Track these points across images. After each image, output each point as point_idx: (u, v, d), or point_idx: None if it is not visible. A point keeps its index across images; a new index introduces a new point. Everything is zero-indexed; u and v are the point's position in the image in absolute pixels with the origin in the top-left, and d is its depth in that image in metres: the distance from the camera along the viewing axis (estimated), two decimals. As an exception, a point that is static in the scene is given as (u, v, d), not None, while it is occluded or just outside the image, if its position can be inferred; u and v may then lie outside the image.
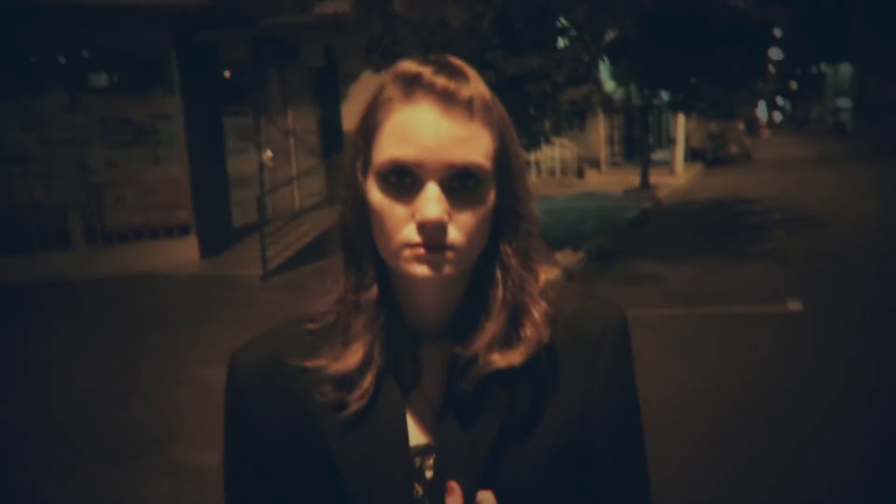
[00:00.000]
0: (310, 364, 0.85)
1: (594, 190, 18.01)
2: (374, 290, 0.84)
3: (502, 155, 0.82)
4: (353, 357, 0.83)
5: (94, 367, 5.50)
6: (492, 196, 0.81)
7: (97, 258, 8.53)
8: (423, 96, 0.78)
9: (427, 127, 0.77)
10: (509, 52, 6.62)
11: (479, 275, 0.85)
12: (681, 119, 22.21)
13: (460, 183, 0.78)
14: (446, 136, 0.77)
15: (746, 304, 6.63)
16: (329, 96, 11.54)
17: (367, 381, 0.83)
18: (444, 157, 0.77)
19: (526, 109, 7.22)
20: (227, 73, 9.78)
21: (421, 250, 0.77)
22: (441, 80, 0.78)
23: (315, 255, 9.14)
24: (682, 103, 17.53)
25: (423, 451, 0.85)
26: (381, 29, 7.18)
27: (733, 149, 30.31)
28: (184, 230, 9.21)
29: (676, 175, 21.78)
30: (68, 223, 8.57)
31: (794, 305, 6.39)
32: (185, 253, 8.98)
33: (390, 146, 0.77)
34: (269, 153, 8.90)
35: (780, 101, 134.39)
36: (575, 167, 21.76)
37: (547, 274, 0.88)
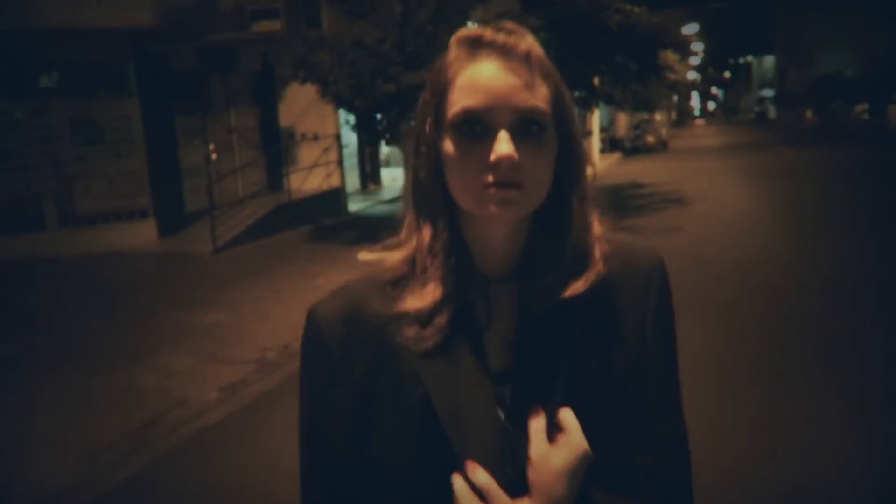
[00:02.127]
0: (389, 310, 0.91)
1: None
2: (446, 237, 0.90)
3: (558, 104, 0.88)
4: (429, 296, 0.90)
5: (75, 323, 7.15)
6: (553, 141, 0.88)
7: (69, 239, 10.07)
8: (486, 53, 0.86)
9: (492, 77, 0.84)
10: (407, 67, 8.41)
11: (542, 220, 0.92)
12: (595, 113, 24.21)
13: (525, 129, 0.85)
14: (510, 85, 0.84)
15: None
16: (267, 97, 13.17)
17: (444, 318, 0.89)
18: (510, 103, 0.84)
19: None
20: (177, 80, 11.32)
21: (495, 189, 0.84)
22: (501, 38, 0.86)
23: (257, 235, 10.81)
24: (584, 100, 19.44)
25: (503, 379, 0.90)
26: (303, 50, 8.88)
27: (650, 139, 32.64)
28: (143, 214, 10.76)
29: (592, 164, 23.76)
30: (44, 209, 10.09)
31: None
32: (145, 234, 10.55)
33: (461, 99, 0.85)
34: (211, 147, 10.38)
35: (714, 90, 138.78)
36: None
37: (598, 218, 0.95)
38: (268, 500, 3.43)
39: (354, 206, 14.45)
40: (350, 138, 14.97)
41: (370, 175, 17.31)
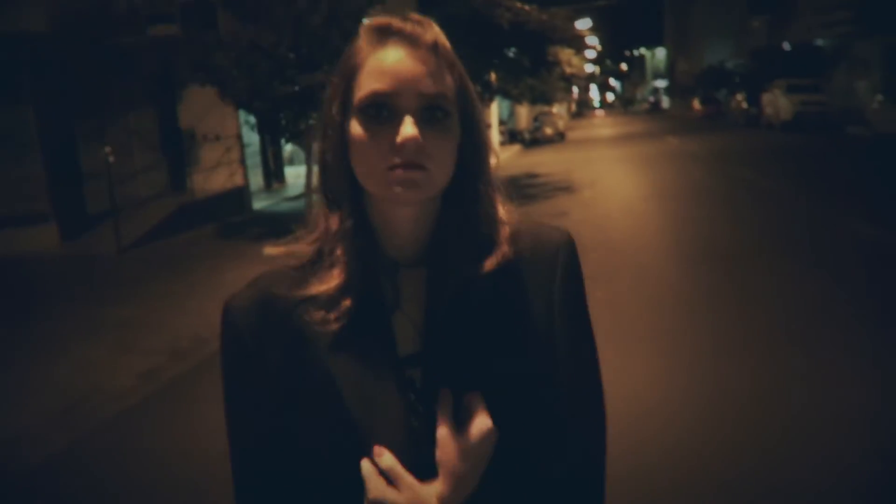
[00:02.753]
0: (297, 293, 0.94)
1: None
2: (352, 221, 0.93)
3: (462, 93, 0.93)
4: (334, 280, 0.93)
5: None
6: (456, 128, 0.92)
7: (-31, 245, 10.04)
8: (393, 41, 0.89)
9: (399, 63, 0.88)
10: (302, 69, 8.86)
11: (449, 205, 0.96)
12: (493, 107, 25.07)
13: (430, 114, 0.89)
14: (416, 71, 0.88)
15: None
16: (166, 99, 13.29)
17: (349, 301, 0.92)
18: (416, 88, 0.88)
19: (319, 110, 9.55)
20: (74, 84, 11.35)
21: (400, 171, 0.87)
22: (408, 27, 0.90)
23: (162, 235, 11.00)
24: (479, 94, 20.18)
25: (412, 362, 0.94)
26: (202, 53, 9.19)
27: (548, 130, 33.80)
28: (45, 219, 10.81)
29: (495, 153, 24.60)
30: (-60, 216, 10.03)
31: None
32: (47, 238, 10.59)
33: (368, 82, 0.89)
34: (108, 149, 10.49)
35: (612, 82, 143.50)
36: None
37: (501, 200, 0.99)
38: (184, 477, 3.84)
39: (259, 203, 14.72)
40: (252, 138, 15.21)
41: (274, 173, 17.56)
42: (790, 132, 24.83)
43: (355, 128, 0.90)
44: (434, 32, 0.92)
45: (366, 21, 0.95)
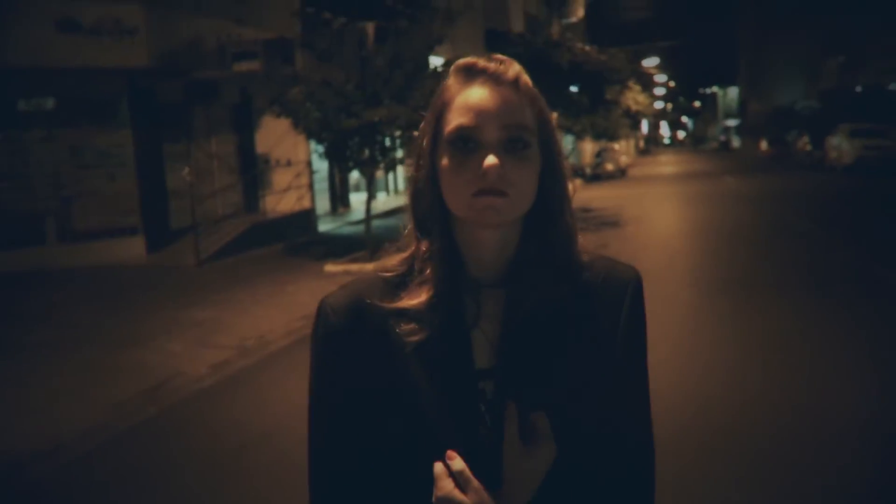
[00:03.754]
0: (388, 304, 1.04)
1: None
2: (440, 243, 1.03)
3: (542, 125, 1.02)
4: (423, 296, 1.02)
5: (82, 325, 8.43)
6: (537, 157, 1.01)
7: (67, 252, 11.32)
8: (479, 79, 1.00)
9: (483, 99, 0.98)
10: (367, 104, 9.85)
11: (530, 230, 1.05)
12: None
13: (511, 145, 0.98)
14: (499, 105, 0.98)
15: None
16: (245, 126, 14.53)
17: (435, 317, 1.01)
18: (498, 120, 0.98)
19: (383, 143, 10.52)
20: (164, 111, 12.66)
21: (483, 197, 0.96)
22: (492, 66, 1.01)
23: (235, 251, 12.10)
24: None
25: (485, 375, 1.02)
26: (279, 88, 10.30)
27: (609, 166, 34.20)
28: (133, 231, 12.04)
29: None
30: (45, 226, 11.35)
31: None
32: (134, 248, 11.81)
33: (456, 118, 0.99)
34: (186, 171, 11.61)
35: (684, 119, 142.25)
36: None
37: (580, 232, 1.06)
38: (243, 447, 4.74)
39: (324, 226, 15.79)
40: (321, 165, 16.33)
41: (340, 198, 18.67)
42: (851, 176, 24.81)
43: (444, 159, 1.00)
44: (516, 70, 1.02)
45: (456, 62, 1.05)
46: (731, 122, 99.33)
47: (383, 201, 19.91)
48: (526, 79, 1.03)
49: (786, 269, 9.35)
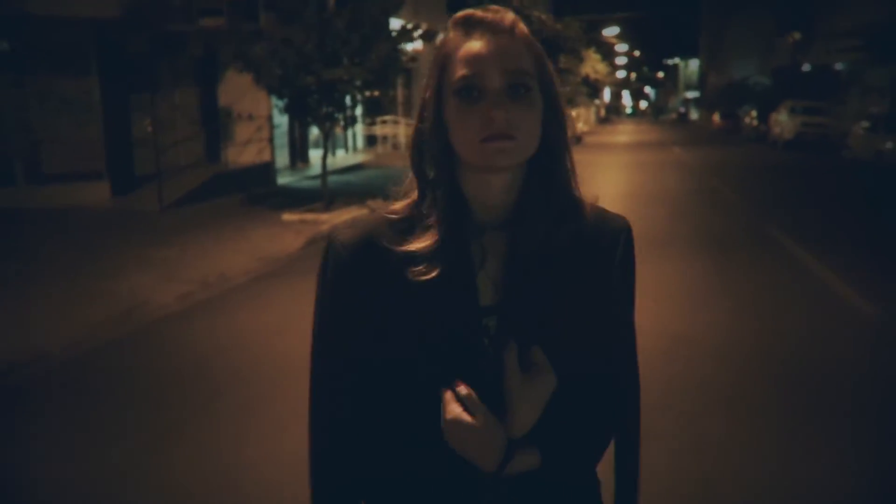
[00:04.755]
0: (397, 247, 1.08)
1: None
2: (446, 188, 1.08)
3: (541, 69, 1.07)
4: (431, 238, 1.07)
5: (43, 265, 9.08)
6: (539, 100, 1.06)
7: (36, 194, 11.85)
8: (477, 30, 1.05)
9: (484, 48, 1.03)
10: (326, 64, 10.53)
11: (532, 174, 1.10)
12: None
13: (514, 90, 1.03)
14: (499, 53, 1.03)
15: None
16: (209, 79, 15.03)
17: (443, 258, 1.07)
18: (499, 66, 1.02)
19: (341, 102, 11.23)
20: (131, 63, 13.13)
21: (493, 142, 1.01)
22: (489, 16, 1.05)
23: (197, 199, 12.73)
24: None
25: (489, 312, 1.09)
26: (242, 44, 10.90)
27: (564, 133, 35.14)
28: (99, 176, 12.59)
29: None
30: (14, 168, 11.85)
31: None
32: (100, 193, 12.38)
33: (459, 69, 1.04)
34: (147, 122, 12.05)
35: (647, 90, 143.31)
36: None
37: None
38: (205, 364, 5.56)
39: (283, 179, 16.41)
40: (281, 119, 16.91)
41: (299, 153, 19.27)
42: (790, 150, 26.14)
43: (451, 109, 1.05)
44: (511, 18, 1.06)
45: (454, 16, 1.09)
46: (691, 94, 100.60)
47: (342, 157, 20.55)
48: (522, 26, 1.08)
49: (693, 230, 10.37)
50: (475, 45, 1.04)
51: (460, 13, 1.09)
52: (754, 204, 12.83)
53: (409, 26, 12.72)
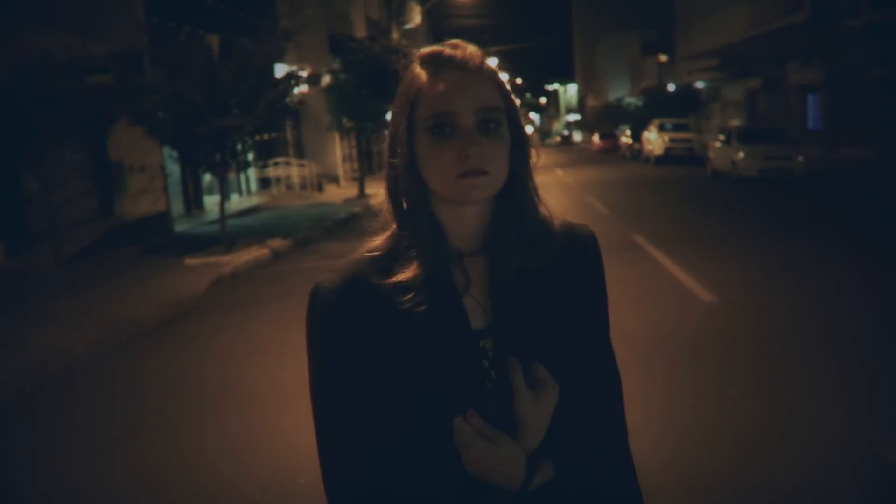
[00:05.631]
0: (383, 281, 1.11)
1: (325, 200, 21.00)
2: (425, 220, 1.13)
3: (508, 104, 1.13)
4: (414, 268, 1.11)
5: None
6: (507, 134, 1.11)
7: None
8: (447, 68, 1.09)
9: (455, 86, 1.07)
10: (216, 115, 11.07)
11: (503, 200, 1.15)
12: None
13: (485, 125, 1.08)
14: (469, 89, 1.08)
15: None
16: (98, 134, 15.09)
17: (430, 286, 1.10)
18: (471, 103, 1.07)
19: (234, 148, 11.76)
20: (16, 121, 13.18)
21: (468, 177, 1.06)
22: (458, 54, 1.10)
23: (94, 252, 12.82)
24: (376, 128, 22.33)
25: (483, 334, 1.13)
26: (133, 100, 11.29)
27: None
28: (-9, 237, 12.54)
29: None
30: None
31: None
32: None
33: (431, 104, 1.08)
34: (32, 181, 12.05)
35: (532, 115, 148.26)
36: (316, 182, 23.93)
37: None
38: (131, 403, 6.01)
39: (180, 227, 16.61)
40: (173, 168, 17.14)
41: (193, 201, 19.46)
42: (660, 165, 28.20)
43: (423, 145, 1.09)
44: (479, 55, 1.12)
45: (419, 52, 1.15)
46: (573, 118, 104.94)
47: (237, 201, 20.83)
48: (488, 62, 1.12)
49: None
50: (446, 83, 1.09)
51: (426, 50, 1.14)
52: (623, 215, 14.15)
53: (295, 69, 13.38)
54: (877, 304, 6.95)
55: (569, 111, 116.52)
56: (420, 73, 1.12)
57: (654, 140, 30.31)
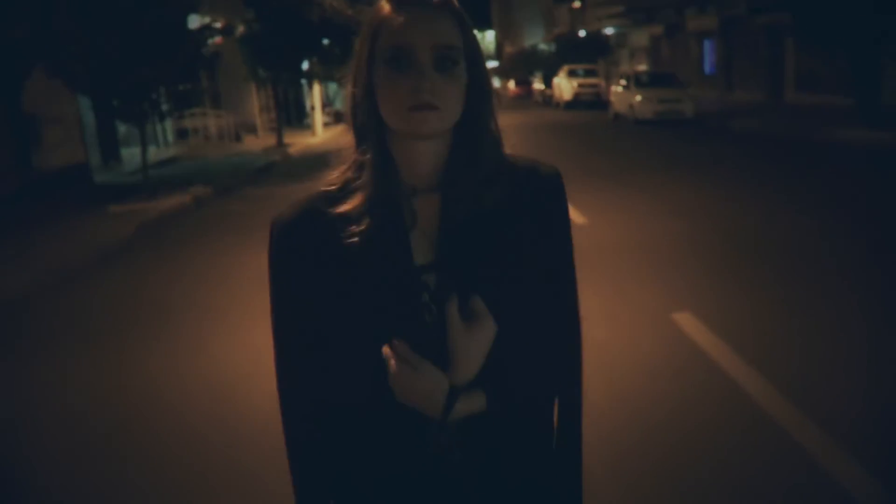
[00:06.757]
0: (332, 210, 1.14)
1: (244, 150, 21.01)
2: (376, 151, 1.14)
3: (468, 43, 1.12)
4: (357, 200, 1.13)
5: None
6: (464, 74, 1.11)
7: None
8: (410, 2, 1.10)
9: (415, 21, 1.08)
10: (135, 65, 11.48)
11: (460, 139, 1.16)
12: (316, 89, 27.53)
13: (441, 62, 1.08)
14: (430, 26, 1.08)
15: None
16: (11, 88, 15.16)
17: (374, 219, 1.12)
18: (429, 39, 1.07)
19: (156, 100, 12.22)
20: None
21: (418, 110, 1.07)
22: None
23: (14, 204, 13.10)
24: (294, 79, 22.66)
25: (427, 269, 1.15)
26: (50, 54, 11.57)
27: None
28: (-90, 191, 12.65)
29: (316, 136, 25.12)
30: None
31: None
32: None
33: (390, 37, 1.09)
34: None
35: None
36: (234, 133, 23.67)
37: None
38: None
39: (100, 178, 16.74)
40: (88, 121, 17.22)
41: (110, 152, 19.51)
42: (569, 110, 29.42)
43: (380, 76, 1.10)
44: None
45: None
46: (491, 65, 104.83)
47: (154, 152, 20.83)
48: (454, 2, 1.13)
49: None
50: (406, 16, 1.09)
51: None
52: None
53: (208, 21, 13.74)
54: (721, 218, 8.30)
55: (487, 58, 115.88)
56: (384, 4, 1.13)
57: (563, 86, 31.42)
